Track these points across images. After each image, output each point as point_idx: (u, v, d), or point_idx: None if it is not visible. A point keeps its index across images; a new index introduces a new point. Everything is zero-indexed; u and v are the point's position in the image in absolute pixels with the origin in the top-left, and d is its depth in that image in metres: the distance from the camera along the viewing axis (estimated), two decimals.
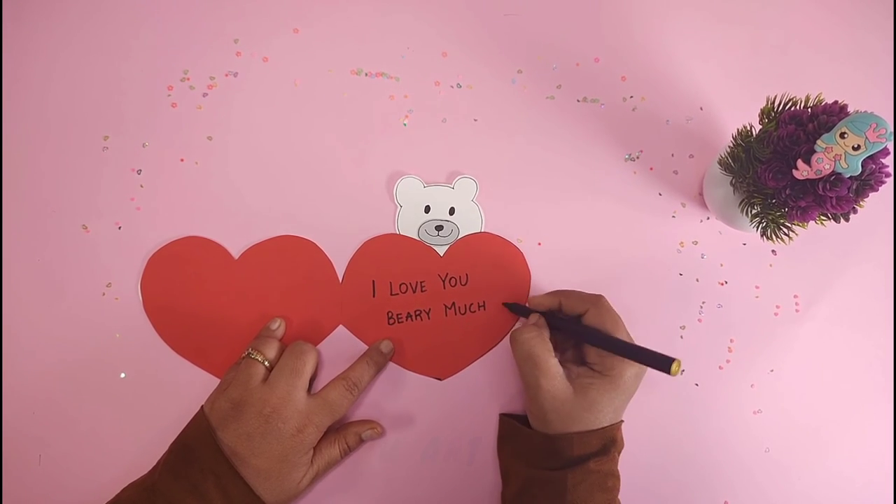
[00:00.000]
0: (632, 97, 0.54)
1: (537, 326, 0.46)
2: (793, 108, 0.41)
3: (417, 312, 0.50)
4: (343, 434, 0.46)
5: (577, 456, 0.41)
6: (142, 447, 0.46)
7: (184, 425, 0.44)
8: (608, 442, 0.42)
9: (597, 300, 0.45)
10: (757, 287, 0.54)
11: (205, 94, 0.49)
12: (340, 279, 0.50)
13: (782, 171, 0.40)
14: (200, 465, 0.40)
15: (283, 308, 0.49)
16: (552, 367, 0.43)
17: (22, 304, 0.47)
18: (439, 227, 0.50)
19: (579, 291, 0.47)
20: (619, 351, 0.42)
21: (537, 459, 0.43)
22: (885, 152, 0.38)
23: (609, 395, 0.42)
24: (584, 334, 0.44)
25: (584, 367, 0.44)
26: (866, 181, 0.39)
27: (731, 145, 0.44)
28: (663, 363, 0.37)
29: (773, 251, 0.54)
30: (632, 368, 0.42)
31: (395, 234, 0.50)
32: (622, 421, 0.44)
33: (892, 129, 0.35)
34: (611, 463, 0.42)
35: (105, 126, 0.48)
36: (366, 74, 0.51)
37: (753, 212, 0.43)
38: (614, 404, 0.42)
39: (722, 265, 0.54)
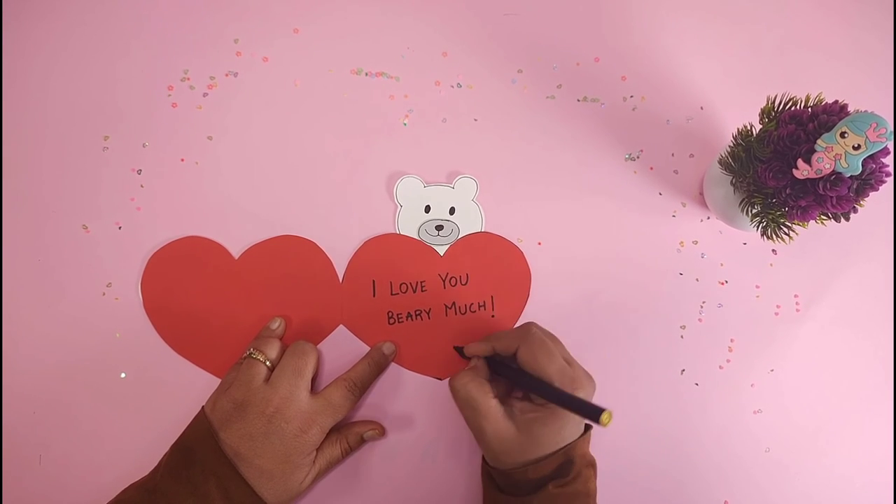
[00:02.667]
0: (632, 97, 0.54)
1: (474, 370, 0.45)
2: (793, 108, 0.41)
3: (418, 312, 0.50)
4: (345, 434, 0.46)
5: (535, 481, 0.40)
6: (142, 447, 0.46)
7: (184, 425, 0.44)
8: (564, 462, 0.41)
9: (524, 335, 0.43)
10: (757, 287, 0.54)
11: (205, 94, 0.49)
12: (340, 279, 0.50)
13: (782, 170, 0.40)
14: (202, 466, 0.40)
15: (284, 308, 0.49)
16: (492, 409, 0.42)
17: (22, 304, 0.47)
18: (439, 227, 0.50)
19: (508, 331, 0.46)
20: (550, 398, 0.40)
21: (502, 486, 0.42)
22: (885, 152, 0.38)
23: (554, 426, 0.41)
24: (518, 380, 0.43)
25: (526, 402, 0.43)
26: (866, 181, 0.39)
27: (732, 145, 0.44)
28: (593, 413, 0.36)
29: (773, 251, 0.54)
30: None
31: (396, 233, 0.50)
32: (584, 436, 0.43)
33: (892, 129, 0.36)
34: (576, 483, 0.41)
35: (105, 126, 0.48)
36: (366, 74, 0.51)
37: (754, 211, 0.43)
38: (563, 433, 0.41)
39: (722, 265, 0.54)
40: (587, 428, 0.44)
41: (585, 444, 0.43)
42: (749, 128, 0.44)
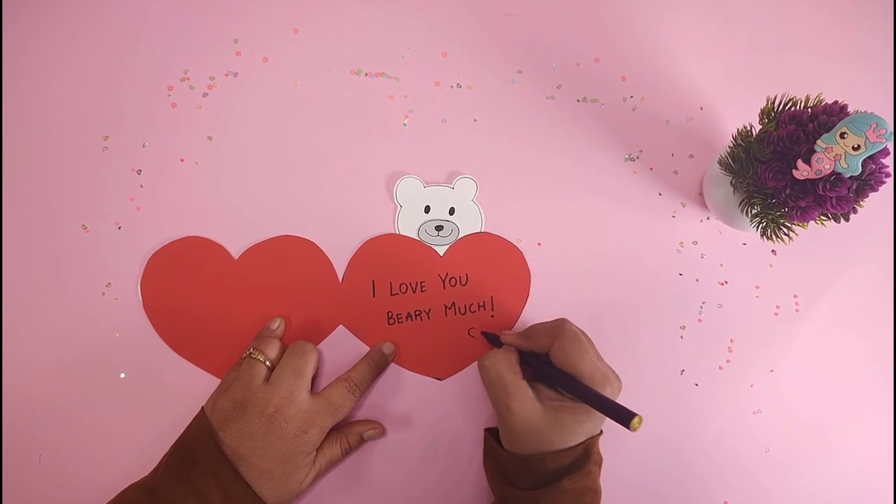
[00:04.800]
0: (632, 97, 0.54)
1: (505, 350, 0.45)
2: (793, 108, 0.41)
3: (417, 312, 0.50)
4: (345, 433, 0.46)
5: (550, 474, 0.40)
6: (142, 447, 0.46)
7: (184, 425, 0.44)
8: (581, 456, 0.41)
9: (558, 331, 0.43)
10: (757, 287, 0.54)
11: (205, 94, 0.49)
12: (340, 279, 0.50)
13: (782, 171, 0.40)
14: (202, 466, 0.40)
15: (283, 308, 0.49)
16: (521, 389, 0.42)
17: (22, 304, 0.47)
18: (439, 227, 0.50)
19: (542, 325, 0.46)
20: (581, 397, 0.40)
21: (512, 478, 0.42)
22: (885, 152, 0.38)
23: (580, 417, 0.41)
24: (548, 375, 0.43)
25: (553, 391, 0.43)
26: (866, 181, 0.39)
27: (731, 145, 0.44)
28: (624, 417, 0.36)
29: (773, 251, 0.54)
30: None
31: (395, 234, 0.50)
32: (600, 434, 0.43)
33: (892, 129, 0.36)
34: (586, 479, 0.41)
35: (105, 126, 0.48)
36: (366, 74, 0.51)
37: (753, 212, 0.43)
38: (587, 426, 0.41)
39: (722, 265, 0.54)
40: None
41: (599, 441, 0.43)
42: (749, 128, 0.44)
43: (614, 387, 0.41)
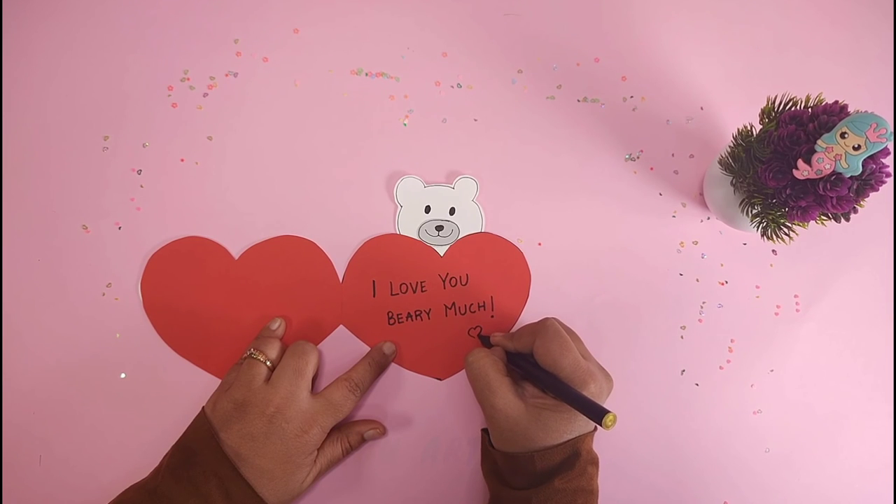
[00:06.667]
0: (632, 97, 0.54)
1: (491, 349, 0.46)
2: (793, 108, 0.41)
3: (418, 312, 0.50)
4: (346, 433, 0.46)
5: (541, 473, 0.40)
6: (142, 447, 0.46)
7: (184, 426, 0.44)
8: (571, 455, 0.41)
9: (541, 329, 0.43)
10: (757, 287, 0.54)
11: (205, 95, 0.49)
12: (341, 279, 0.50)
13: (783, 170, 0.40)
14: (203, 467, 0.40)
15: (284, 308, 0.49)
16: (503, 386, 0.42)
17: (22, 304, 0.47)
18: (439, 227, 0.50)
19: (527, 326, 0.46)
20: (557, 393, 0.40)
21: (506, 477, 0.42)
22: (885, 152, 0.38)
23: (564, 416, 0.41)
24: (531, 373, 0.43)
25: (538, 389, 0.43)
26: (867, 181, 0.39)
27: (732, 145, 0.44)
28: (596, 413, 0.36)
29: (773, 251, 0.54)
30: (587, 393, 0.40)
31: (396, 234, 0.50)
32: (592, 431, 0.43)
33: (892, 129, 0.36)
34: (580, 479, 0.41)
35: (105, 126, 0.48)
36: (366, 74, 0.51)
37: (754, 212, 0.43)
38: (572, 425, 0.41)
39: (722, 265, 0.54)
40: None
41: (591, 440, 0.43)
42: (749, 128, 0.44)
43: (600, 384, 0.41)
